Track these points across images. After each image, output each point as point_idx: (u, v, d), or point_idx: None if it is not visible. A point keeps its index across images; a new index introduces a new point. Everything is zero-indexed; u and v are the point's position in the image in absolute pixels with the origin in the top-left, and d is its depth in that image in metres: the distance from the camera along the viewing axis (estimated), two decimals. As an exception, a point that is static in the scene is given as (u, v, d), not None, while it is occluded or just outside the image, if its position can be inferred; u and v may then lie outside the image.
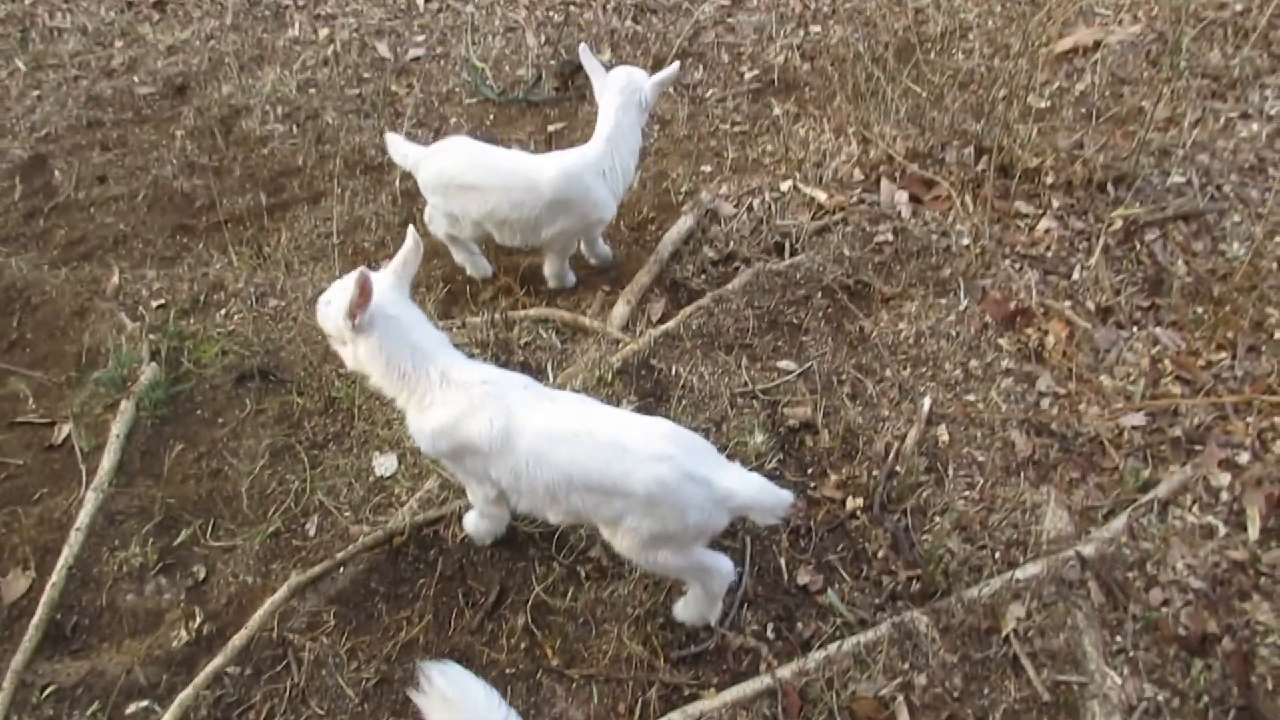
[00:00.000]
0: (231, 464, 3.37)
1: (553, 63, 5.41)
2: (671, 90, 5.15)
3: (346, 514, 3.18)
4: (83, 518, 3.18)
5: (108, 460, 3.35)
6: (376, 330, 2.63)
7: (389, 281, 2.71)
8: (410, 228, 2.73)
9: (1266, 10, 5.19)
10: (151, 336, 3.82)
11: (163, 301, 4.09)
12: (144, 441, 3.48)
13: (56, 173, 5.02)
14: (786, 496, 2.53)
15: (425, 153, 3.79)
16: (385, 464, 3.30)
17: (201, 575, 3.07)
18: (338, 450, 3.39)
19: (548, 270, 3.98)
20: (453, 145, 3.80)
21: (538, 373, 3.56)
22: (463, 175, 3.68)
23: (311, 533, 3.15)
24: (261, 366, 3.68)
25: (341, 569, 3.01)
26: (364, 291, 2.56)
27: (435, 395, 2.63)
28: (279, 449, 3.41)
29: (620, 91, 3.70)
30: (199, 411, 3.59)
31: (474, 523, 3.00)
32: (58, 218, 4.74)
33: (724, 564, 2.70)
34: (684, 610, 2.85)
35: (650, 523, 2.52)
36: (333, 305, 2.69)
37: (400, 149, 3.85)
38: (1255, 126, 4.70)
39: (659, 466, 2.45)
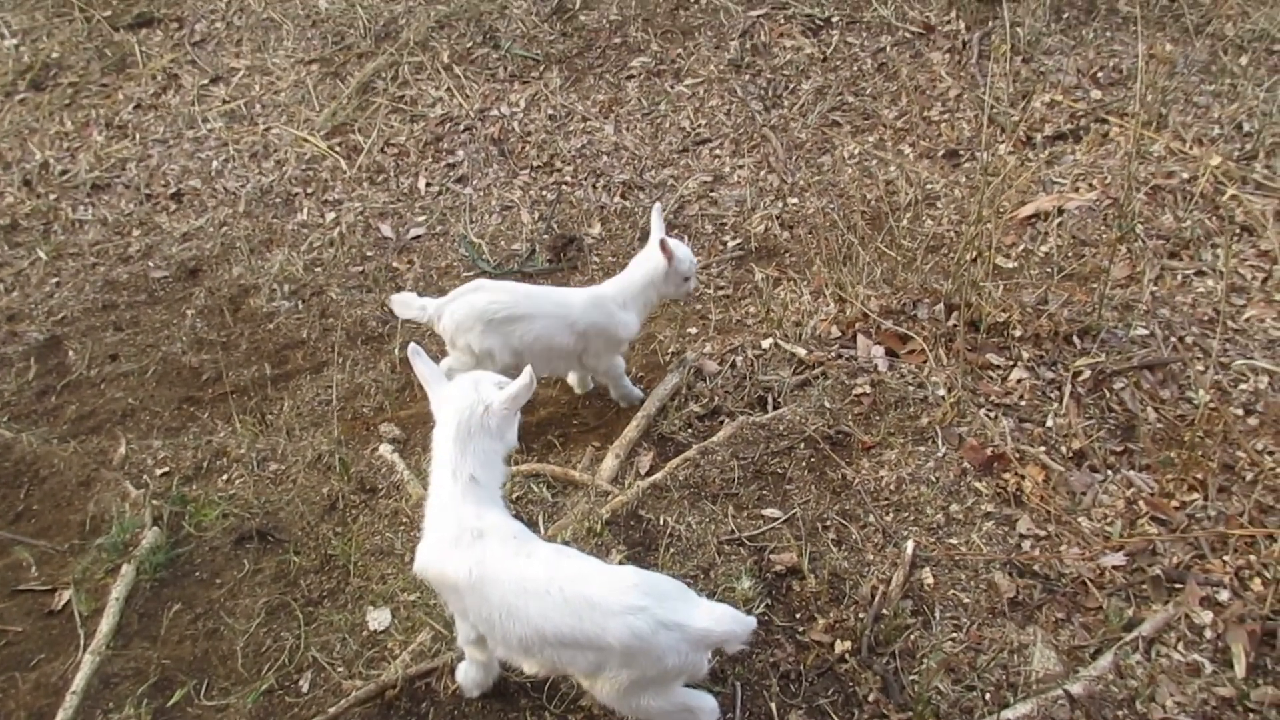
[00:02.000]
0: (228, 623, 3.42)
1: (545, 237, 5.73)
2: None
3: (340, 669, 3.21)
4: (78, 681, 3.22)
5: (106, 623, 3.41)
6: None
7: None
8: (527, 369, 2.84)
9: (1211, 177, 5.54)
10: (155, 502, 3.93)
11: (167, 469, 4.23)
12: (142, 604, 3.54)
13: (70, 353, 5.25)
14: (751, 622, 2.60)
15: (449, 298, 3.99)
16: (379, 618, 3.35)
17: (194, 736, 3.08)
18: (332, 606, 3.45)
19: (614, 394, 4.38)
20: (485, 284, 4.05)
21: (529, 526, 3.65)
22: (511, 307, 3.92)
23: (305, 689, 3.17)
24: (260, 528, 3.78)
25: (334, 725, 3.03)
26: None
27: (431, 527, 2.75)
28: (275, 607, 3.47)
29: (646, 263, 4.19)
30: (198, 573, 3.66)
31: (464, 673, 3.03)
32: (69, 394, 4.93)
33: (708, 702, 2.73)
34: None
35: (629, 672, 2.56)
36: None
37: (413, 303, 4.01)
38: (1210, 282, 4.95)
39: (631, 619, 2.48)
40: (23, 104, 7.61)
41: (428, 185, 6.35)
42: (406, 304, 4.04)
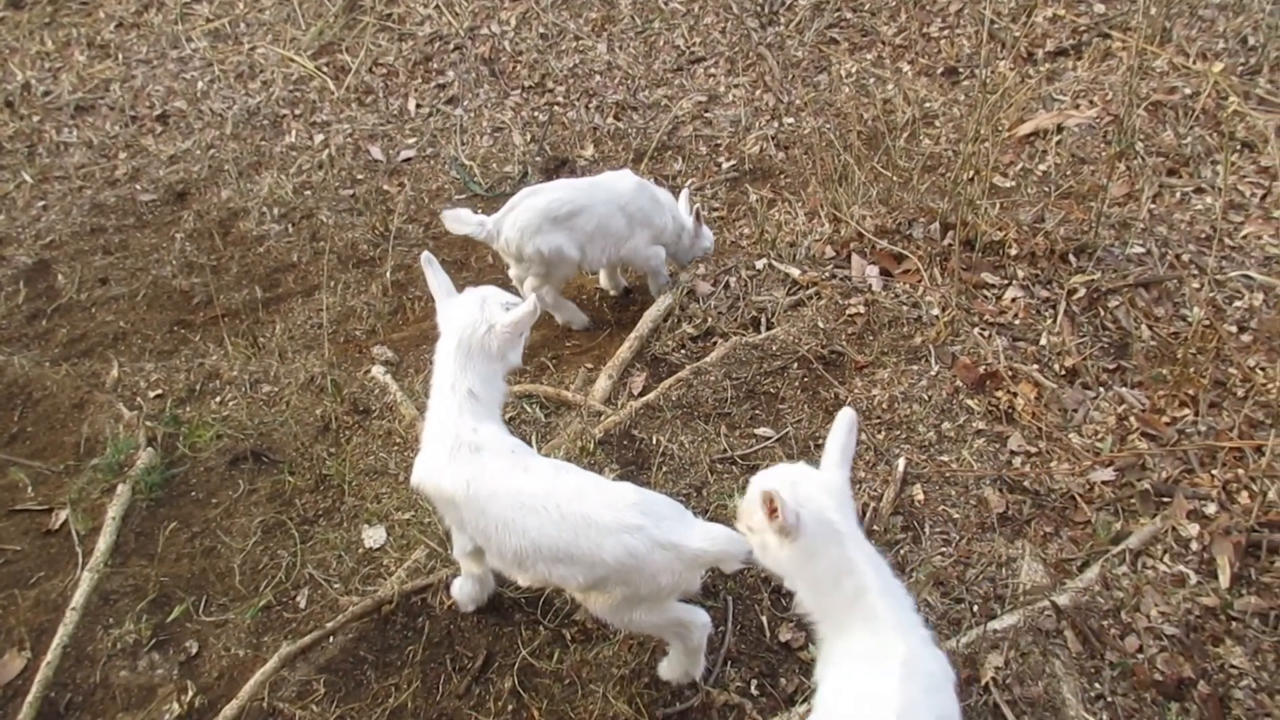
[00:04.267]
0: (224, 542, 3.45)
1: (538, 159, 5.65)
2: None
3: (336, 585, 3.25)
4: (78, 597, 3.25)
5: (103, 541, 3.44)
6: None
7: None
8: (531, 295, 2.93)
9: (1213, 92, 5.45)
10: (148, 424, 3.94)
11: (160, 391, 4.22)
12: (139, 523, 3.57)
13: (60, 276, 5.20)
14: (745, 542, 2.56)
15: (507, 208, 4.03)
16: (374, 536, 3.38)
17: (194, 650, 3.13)
18: (328, 525, 3.47)
19: (653, 288, 4.50)
20: (539, 187, 4.12)
21: (523, 445, 3.67)
22: (571, 202, 4.02)
23: (302, 605, 3.21)
24: (255, 449, 3.79)
25: (331, 639, 3.07)
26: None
27: (428, 440, 2.76)
28: (271, 526, 3.49)
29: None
30: (193, 493, 3.68)
31: (459, 588, 3.07)
32: (60, 318, 4.90)
33: (700, 616, 2.76)
34: (668, 669, 2.90)
35: (624, 589, 2.58)
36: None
37: (470, 219, 3.99)
38: (1209, 200, 4.91)
39: (627, 538, 2.50)
40: (2, 23, 7.45)
41: (418, 106, 6.25)
42: (462, 220, 4.00)
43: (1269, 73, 5.59)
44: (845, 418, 2.37)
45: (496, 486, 2.64)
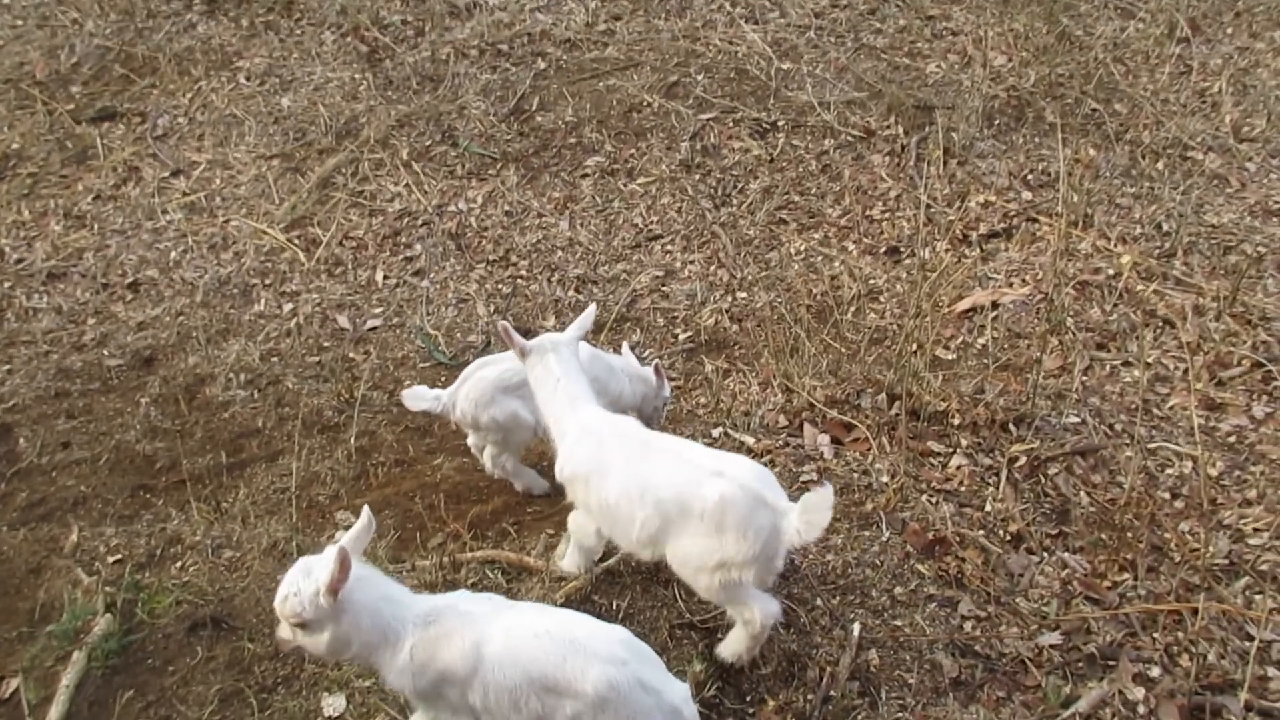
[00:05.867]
0: (180, 711, 3.41)
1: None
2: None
3: (294, 756, 3.21)
4: (25, 772, 3.18)
5: (55, 711, 3.39)
6: (354, 596, 2.74)
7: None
8: (365, 508, 2.90)
9: (1133, 273, 5.86)
10: (107, 589, 3.92)
11: (120, 556, 4.22)
12: (93, 692, 3.52)
13: (21, 440, 5.23)
14: None
15: (459, 382, 4.17)
16: (334, 704, 3.37)
17: (144, 827, 3.06)
18: (287, 693, 3.46)
19: None
20: (488, 359, 4.25)
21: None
22: (522, 372, 3.94)
23: (257, 777, 3.17)
24: (214, 615, 3.78)
25: (287, 812, 3.02)
26: (344, 566, 2.66)
27: (408, 636, 2.76)
28: (228, 694, 3.46)
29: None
30: (150, 660, 3.65)
31: None
32: (19, 481, 4.91)
33: None
34: None
35: None
36: (302, 592, 2.71)
37: (425, 395, 4.20)
38: (1136, 373, 5.21)
39: (612, 669, 2.56)
40: (-20, 194, 7.66)
41: (385, 278, 6.49)
42: (418, 396, 4.21)
43: (1182, 255, 6.04)
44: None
45: (490, 630, 2.74)
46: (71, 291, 6.60)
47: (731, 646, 3.34)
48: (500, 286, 6.32)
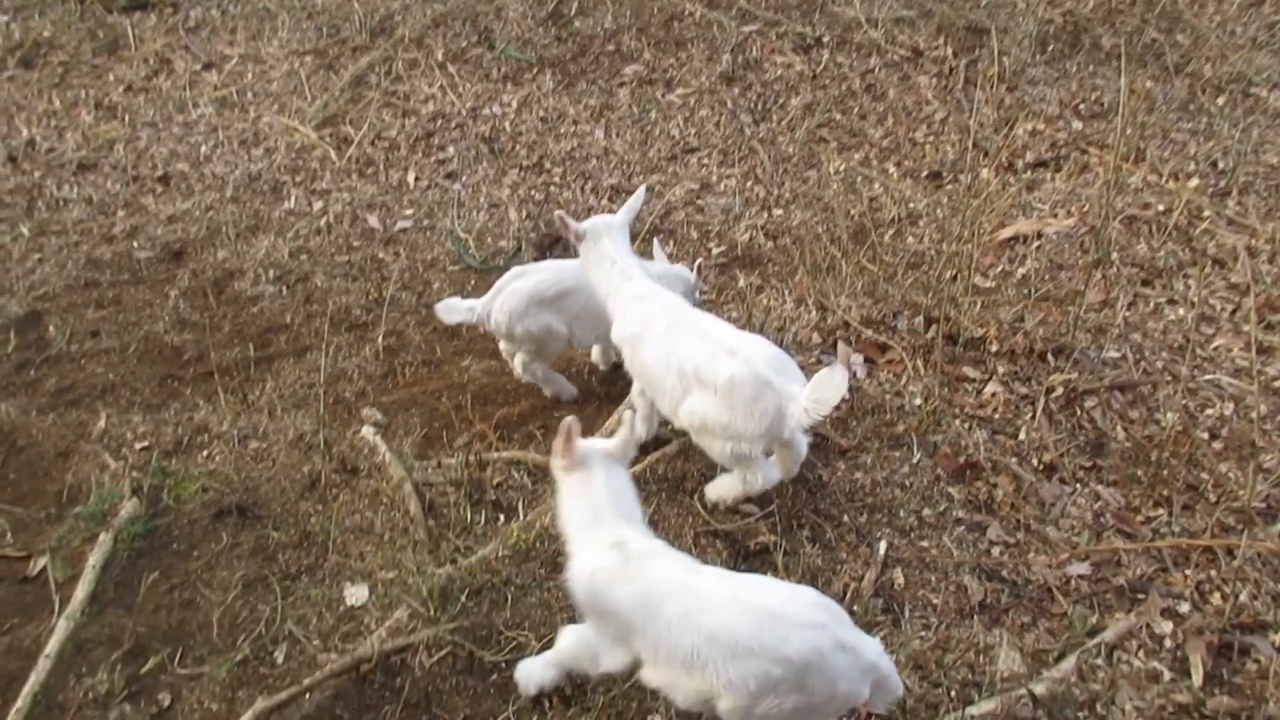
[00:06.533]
0: (204, 594, 3.43)
1: (532, 235, 5.78)
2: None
3: (315, 642, 3.23)
4: (52, 645, 3.22)
5: (82, 589, 3.41)
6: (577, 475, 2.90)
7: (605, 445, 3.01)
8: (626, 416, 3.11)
9: (1185, 210, 5.69)
10: (134, 474, 3.93)
11: (147, 443, 4.23)
12: (119, 573, 3.54)
13: (51, 328, 5.22)
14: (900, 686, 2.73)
15: (493, 292, 4.14)
16: (357, 594, 3.38)
17: (166, 703, 3.09)
18: (310, 581, 3.47)
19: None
20: (524, 269, 4.20)
21: (509, 510, 3.71)
22: (558, 283, 4.11)
23: (279, 660, 3.19)
24: (240, 503, 3.79)
25: (307, 696, 3.05)
26: (568, 438, 2.86)
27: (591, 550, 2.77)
28: (252, 580, 3.48)
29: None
30: (175, 545, 3.67)
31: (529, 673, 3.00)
32: (48, 368, 4.91)
33: None
34: None
35: (798, 697, 2.49)
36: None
37: (460, 306, 4.19)
38: (1180, 311, 5.08)
39: (814, 634, 2.47)
40: (11, 81, 7.59)
41: (417, 179, 6.39)
42: (453, 309, 4.20)
43: (1237, 195, 5.84)
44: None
45: (669, 589, 2.68)
46: (102, 183, 6.55)
47: (719, 489, 3.66)
48: (533, 193, 6.21)
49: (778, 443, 3.50)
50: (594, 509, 2.83)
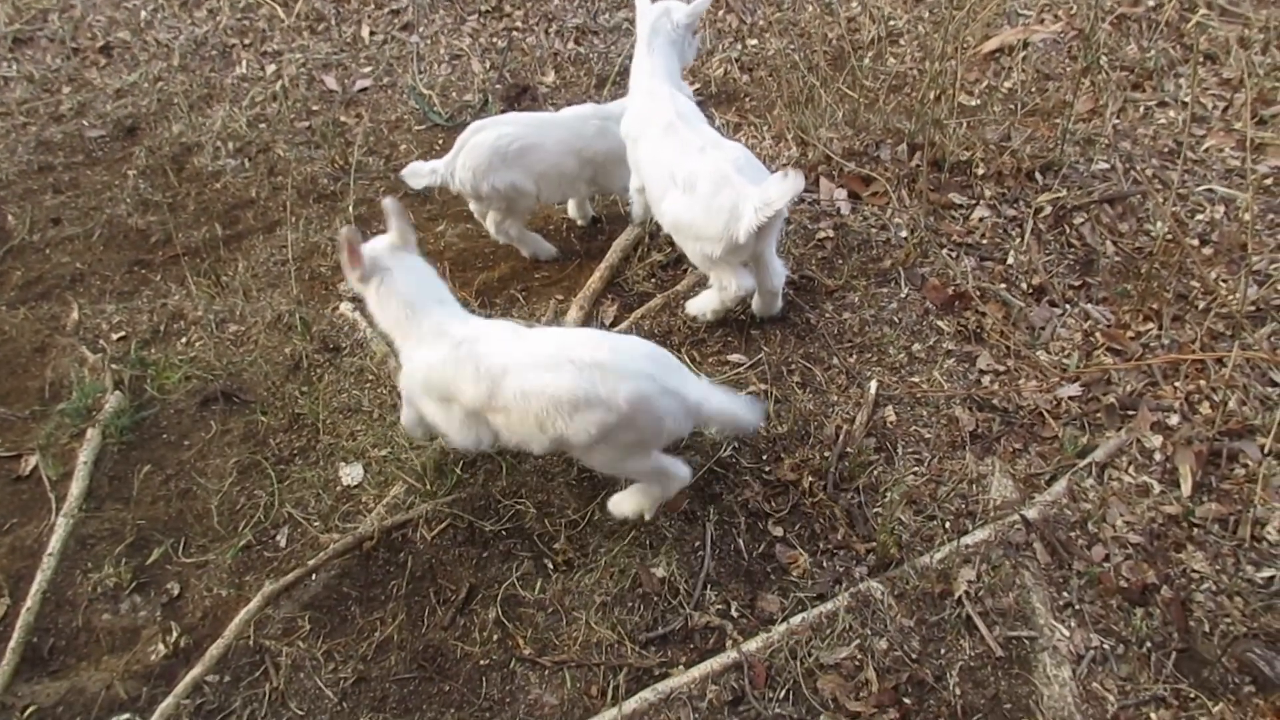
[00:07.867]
0: (200, 483, 3.43)
1: (498, 86, 5.54)
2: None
3: (316, 524, 3.25)
4: (54, 543, 3.24)
5: (76, 486, 3.41)
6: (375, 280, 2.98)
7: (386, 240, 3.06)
8: (388, 198, 3.04)
9: (1176, 4, 5.44)
10: (114, 366, 3.88)
11: (123, 333, 4.15)
12: (111, 467, 3.53)
13: (9, 217, 5.05)
14: (758, 410, 3.06)
15: (455, 149, 4.00)
16: (352, 473, 3.38)
17: (175, 591, 3.13)
18: (304, 464, 3.46)
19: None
20: (486, 121, 4.05)
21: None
22: (522, 137, 3.97)
23: (282, 544, 3.22)
24: (225, 389, 3.75)
25: (313, 576, 3.09)
26: (351, 249, 2.92)
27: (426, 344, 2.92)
28: (246, 466, 3.48)
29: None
30: (165, 435, 3.65)
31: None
32: (13, 260, 4.77)
33: (682, 470, 3.03)
34: (623, 503, 3.11)
35: (631, 434, 2.81)
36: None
37: (423, 170, 4.07)
38: (1172, 113, 4.93)
39: (642, 383, 2.74)
40: (-71, -47, 7.10)
41: (371, 34, 6.08)
42: (416, 173, 4.08)
43: (1231, -17, 5.58)
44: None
45: (506, 363, 2.89)
46: (41, 58, 6.21)
47: (699, 304, 3.79)
48: (495, 40, 5.92)
49: (741, 249, 3.46)
50: (405, 304, 2.95)
